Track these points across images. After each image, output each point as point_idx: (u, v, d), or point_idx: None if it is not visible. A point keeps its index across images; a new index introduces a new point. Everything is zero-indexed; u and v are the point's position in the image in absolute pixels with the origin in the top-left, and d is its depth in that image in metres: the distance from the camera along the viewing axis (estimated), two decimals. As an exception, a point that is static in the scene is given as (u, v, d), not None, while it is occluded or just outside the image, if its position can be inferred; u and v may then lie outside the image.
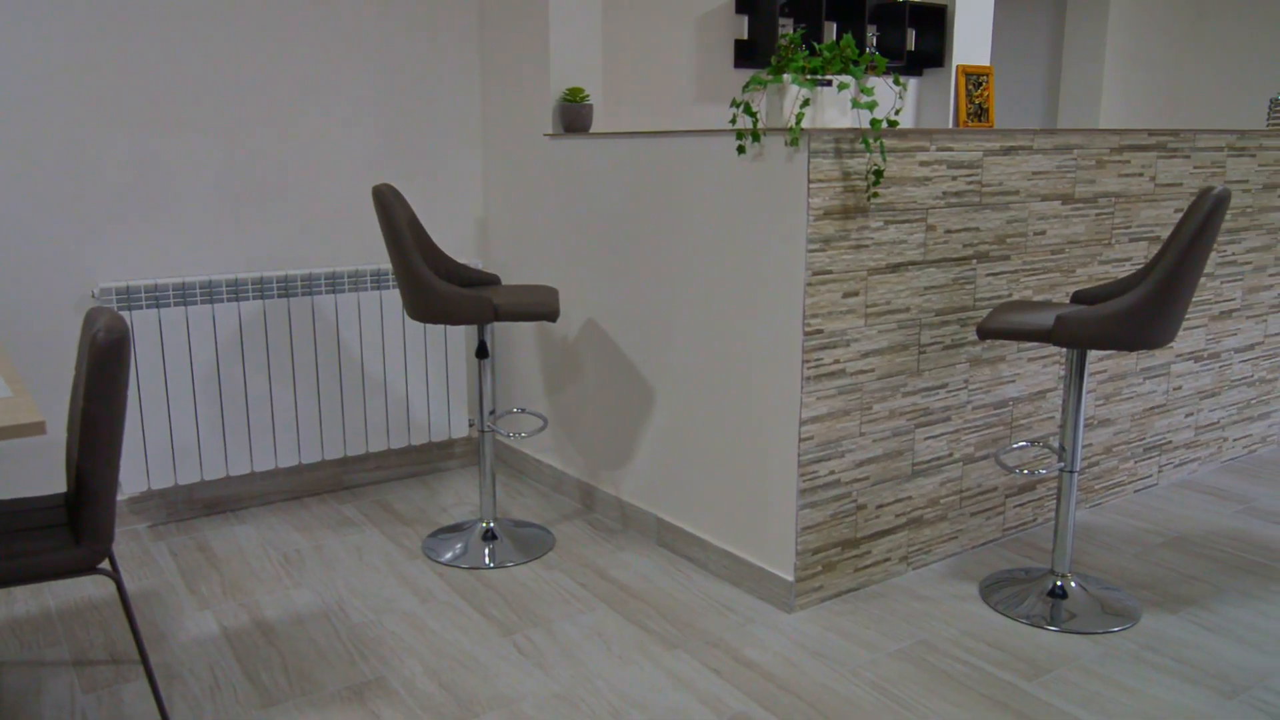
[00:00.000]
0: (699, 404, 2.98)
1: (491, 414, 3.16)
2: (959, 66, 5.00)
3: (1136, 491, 3.62)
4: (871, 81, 4.73)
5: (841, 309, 2.64)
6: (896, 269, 2.73)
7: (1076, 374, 2.67)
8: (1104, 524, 3.33)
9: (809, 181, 2.50)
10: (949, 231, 2.82)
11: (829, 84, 2.65)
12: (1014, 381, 3.11)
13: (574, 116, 3.44)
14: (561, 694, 2.34)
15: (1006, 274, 2.99)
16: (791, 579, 2.72)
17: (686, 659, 2.50)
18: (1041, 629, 2.63)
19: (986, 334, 2.59)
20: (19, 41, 2.96)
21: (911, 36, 4.98)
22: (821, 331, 2.61)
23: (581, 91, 3.45)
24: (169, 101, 3.21)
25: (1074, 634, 2.61)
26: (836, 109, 2.69)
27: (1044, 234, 3.05)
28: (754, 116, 2.61)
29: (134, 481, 3.24)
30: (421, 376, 3.74)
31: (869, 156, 2.59)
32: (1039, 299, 3.09)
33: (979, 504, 3.13)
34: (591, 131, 3.50)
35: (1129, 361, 3.45)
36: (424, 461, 3.91)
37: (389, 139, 3.64)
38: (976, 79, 5.06)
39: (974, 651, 2.52)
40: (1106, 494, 3.52)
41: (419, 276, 2.80)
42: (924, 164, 2.71)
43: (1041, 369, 3.18)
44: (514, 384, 3.92)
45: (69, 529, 2.06)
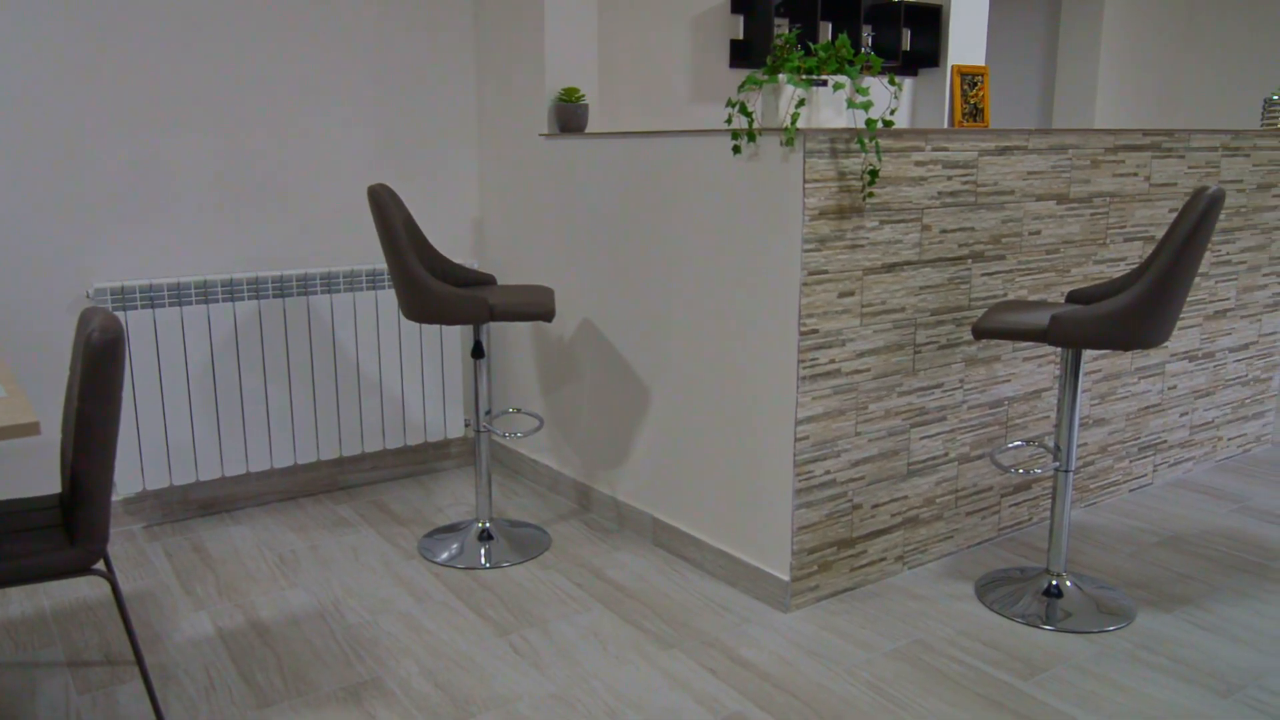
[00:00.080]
0: (695, 404, 2.98)
1: (487, 414, 3.16)
2: (954, 66, 5.00)
3: (1131, 491, 3.63)
4: (867, 81, 4.74)
5: (837, 309, 2.64)
6: (892, 269, 2.73)
7: (1071, 374, 2.67)
8: (1099, 523, 3.34)
9: (804, 181, 2.50)
10: (944, 231, 2.82)
11: (824, 84, 2.65)
12: (1009, 381, 3.11)
13: (569, 116, 3.44)
14: (557, 694, 2.34)
15: (1002, 274, 2.99)
16: (787, 579, 2.72)
17: (682, 659, 2.50)
18: (1037, 628, 2.64)
19: (982, 334, 2.59)
20: (15, 41, 2.95)
21: (907, 36, 4.98)
22: (817, 331, 2.62)
23: (577, 91, 3.45)
24: (164, 101, 3.20)
25: (1069, 633, 2.61)
26: (832, 109, 2.69)
27: (1039, 234, 3.06)
28: (749, 116, 2.61)
29: (129, 482, 3.24)
30: (417, 377, 3.73)
31: (864, 156, 2.59)
32: (1034, 299, 3.10)
33: (974, 503, 3.13)
34: (587, 131, 3.50)
35: (1124, 361, 3.46)
36: (420, 462, 3.91)
37: (384, 139, 3.63)
38: (971, 79, 5.06)
39: (969, 651, 2.53)
40: (1101, 493, 3.53)
41: (414, 277, 2.80)
42: (919, 164, 2.71)
43: (1037, 369, 3.18)
44: (510, 384, 3.92)
45: (64, 530, 2.06)
